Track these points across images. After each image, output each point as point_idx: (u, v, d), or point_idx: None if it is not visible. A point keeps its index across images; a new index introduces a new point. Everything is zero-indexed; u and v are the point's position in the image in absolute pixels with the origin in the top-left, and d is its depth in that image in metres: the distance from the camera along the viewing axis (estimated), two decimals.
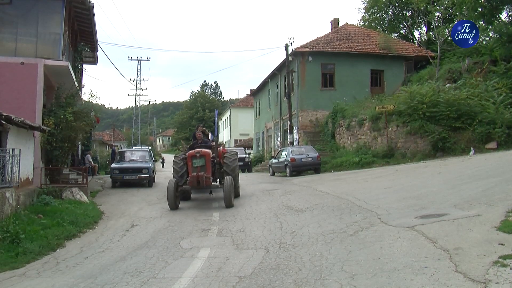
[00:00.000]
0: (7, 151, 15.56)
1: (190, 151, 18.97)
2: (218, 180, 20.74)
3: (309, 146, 35.62)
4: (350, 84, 42.82)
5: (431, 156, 28.21)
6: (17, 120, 15.85)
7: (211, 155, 18.94)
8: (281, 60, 46.66)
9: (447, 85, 32.22)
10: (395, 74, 44.08)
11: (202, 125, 25.66)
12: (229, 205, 17.61)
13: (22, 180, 17.48)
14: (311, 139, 41.00)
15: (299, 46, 44.17)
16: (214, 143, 21.47)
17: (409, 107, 29.95)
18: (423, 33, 56.50)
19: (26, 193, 17.45)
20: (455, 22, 38.79)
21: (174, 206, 18.18)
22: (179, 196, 18.91)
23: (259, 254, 10.07)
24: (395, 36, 55.99)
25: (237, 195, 20.29)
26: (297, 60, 43.81)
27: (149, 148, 51.44)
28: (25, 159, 17.87)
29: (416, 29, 59.24)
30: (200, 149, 18.92)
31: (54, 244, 12.73)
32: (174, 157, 21.59)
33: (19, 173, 16.66)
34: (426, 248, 8.68)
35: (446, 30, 41.62)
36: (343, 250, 9.51)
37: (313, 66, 43.61)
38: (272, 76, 52.66)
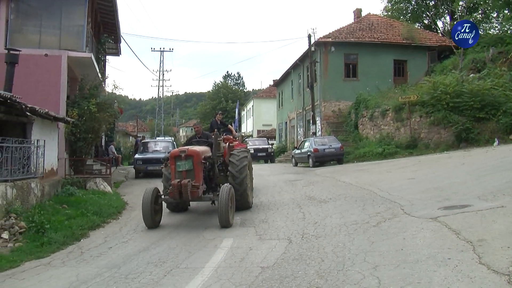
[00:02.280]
0: (32, 142, 15.69)
1: (173, 150, 14.46)
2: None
3: (332, 137, 35.59)
4: (373, 75, 42.64)
5: (454, 147, 27.98)
6: (41, 111, 15.97)
7: (203, 156, 13.73)
8: (304, 51, 46.61)
9: (471, 75, 31.89)
10: (418, 64, 43.77)
11: (221, 113, 22.96)
12: (225, 224, 12.45)
13: (46, 171, 17.63)
14: (334, 130, 40.93)
15: (321, 36, 44.08)
16: (222, 136, 17.46)
17: (433, 98, 29.71)
18: (447, 23, 56.04)
19: (51, 184, 17.60)
20: (480, 11, 38.64)
21: (151, 224, 13.34)
22: (160, 210, 14.12)
23: (281, 244, 10.07)
24: (418, 26, 55.59)
25: (245, 205, 15.12)
26: (319, 50, 43.71)
27: (172, 138, 51.67)
28: (50, 150, 18.01)
29: (440, 18, 58.80)
30: (187, 147, 14.08)
31: (79, 234, 12.84)
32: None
33: (43, 164, 16.80)
34: (449, 240, 8.62)
35: (470, 19, 41.21)
36: (366, 241, 9.49)
37: (335, 57, 43.48)
38: (295, 66, 52.59)
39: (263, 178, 25.03)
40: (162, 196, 14.13)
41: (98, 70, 25.85)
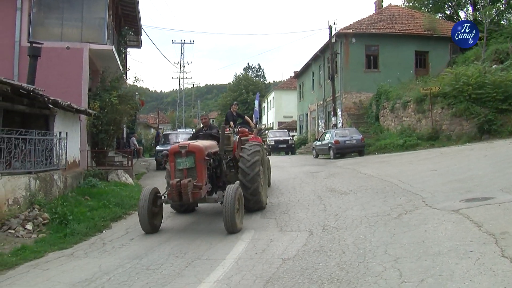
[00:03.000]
0: (55, 134, 15.80)
1: (173, 146, 12.42)
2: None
3: (353, 128, 35.47)
4: (394, 66, 42.41)
5: (476, 138, 27.76)
6: (63, 103, 16.09)
7: (207, 152, 12.05)
8: (325, 42, 46.47)
9: (494, 66, 31.61)
10: (440, 56, 43.43)
11: (236, 104, 20.40)
12: (231, 229, 10.98)
13: (69, 163, 17.77)
14: (355, 121, 40.80)
15: (342, 27, 43.99)
16: (237, 129, 16.38)
17: (455, 89, 29.45)
18: (469, 13, 55.43)
19: (73, 176, 17.74)
20: (503, 1, 38.25)
21: (148, 228, 11.81)
22: (159, 213, 12.47)
23: (302, 236, 10.09)
24: (440, 16, 55.13)
25: (257, 206, 13.47)
26: (340, 42, 43.56)
27: (193, 130, 51.79)
28: (72, 142, 18.14)
29: (462, 9, 58.17)
30: (188, 142, 12.53)
31: (101, 225, 12.96)
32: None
33: (66, 156, 16.92)
34: (471, 232, 8.58)
35: (493, 9, 40.82)
36: (387, 233, 9.47)
37: (356, 48, 43.32)
38: (316, 58, 52.47)
39: (284, 169, 25.04)
40: (163, 197, 12.27)
41: (119, 63, 25.98)
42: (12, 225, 11.92)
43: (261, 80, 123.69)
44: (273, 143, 46.31)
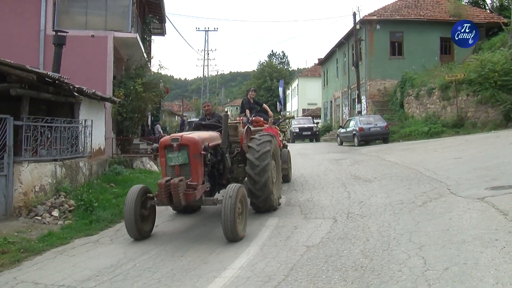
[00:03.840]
0: (80, 122, 15.92)
1: (163, 138, 10.68)
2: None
3: (377, 116, 35.39)
4: (419, 53, 42.07)
5: (502, 126, 27.47)
6: (88, 91, 16.20)
7: (203, 146, 10.13)
8: (349, 29, 46.26)
9: None
10: None
11: (254, 90, 18.39)
12: (231, 237, 9.19)
13: (94, 150, 17.91)
14: (379, 109, 40.66)
15: (367, 14, 43.84)
16: (251, 118, 15.24)
17: (480, 76, 29.13)
18: None
19: (98, 163, 17.89)
20: None
21: (135, 234, 10.07)
22: (150, 216, 10.63)
23: (327, 223, 10.07)
24: (465, 2, 54.48)
25: (267, 205, 11.65)
26: (365, 28, 43.36)
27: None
28: (97, 130, 18.26)
29: None
30: (182, 133, 10.92)
31: None
32: None
33: (91, 143, 17.05)
34: (496, 220, 8.52)
35: None
36: (411, 220, 9.44)
37: (381, 35, 43.07)
38: (340, 45, 52.28)
39: (308, 157, 25.05)
40: (154, 199, 10.10)
41: (143, 50, 26.05)
42: (39, 212, 12.07)
43: (285, 67, 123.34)
44: (298, 130, 46.48)
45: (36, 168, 12.71)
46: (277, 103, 79.69)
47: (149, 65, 28.76)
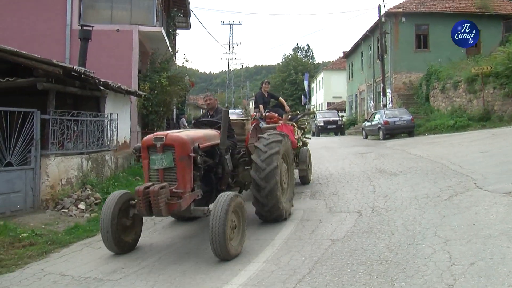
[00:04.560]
0: (106, 115, 16.04)
1: (146, 137, 8.90)
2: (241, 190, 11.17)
3: (402, 109, 35.16)
4: (444, 45, 41.57)
5: None
6: (114, 85, 16.31)
7: (193, 146, 8.54)
8: (374, 22, 46.01)
9: None
10: (492, 34, 42.40)
11: (268, 82, 16.35)
12: (221, 254, 7.76)
13: (120, 144, 18.03)
14: (404, 102, 40.41)
15: (392, 7, 43.53)
16: (265, 114, 14.23)
17: (507, 69, 28.78)
18: None
19: (124, 156, 18.01)
20: None
21: (113, 247, 8.66)
22: (134, 226, 9.12)
23: (351, 217, 10.04)
24: None
25: (274, 214, 10.06)
26: (390, 21, 43.07)
27: (243, 111, 51.92)
28: (123, 123, 18.38)
29: None
30: (167, 132, 8.87)
31: None
32: None
33: (117, 137, 17.17)
34: None
35: None
36: (436, 215, 9.37)
37: (406, 27, 42.76)
38: (365, 38, 52.02)
39: (333, 150, 25.00)
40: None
41: (168, 44, 26.18)
42: (66, 205, 12.21)
43: (310, 60, 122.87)
44: (322, 123, 46.42)
45: (62, 161, 12.84)
46: (302, 97, 79.67)
47: (174, 58, 28.90)
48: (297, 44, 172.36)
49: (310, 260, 7.39)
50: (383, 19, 42.95)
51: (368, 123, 36.52)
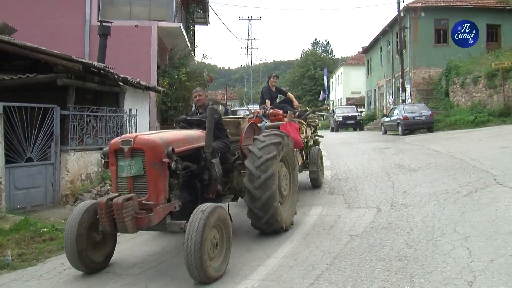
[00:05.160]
0: (125, 111, 16.11)
1: (114, 140, 7.67)
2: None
3: (421, 104, 34.99)
4: None
5: None
6: (133, 81, 16.38)
7: (166, 151, 7.31)
8: (393, 17, 45.79)
9: None
10: None
11: (275, 76, 14.84)
12: (197, 277, 6.65)
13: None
14: (423, 97, 40.22)
15: (411, 1, 43.20)
16: (268, 111, 12.76)
17: None
18: None
19: None
20: None
21: (78, 264, 7.37)
22: (106, 241, 7.81)
23: (370, 213, 10.04)
24: None
25: (272, 226, 8.82)
26: (409, 16, 42.83)
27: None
28: (142, 119, 18.44)
29: None
30: (135, 134, 7.83)
31: None
32: None
33: (136, 132, 17.23)
34: None
35: None
36: (456, 211, 9.33)
37: (425, 22, 42.49)
38: (384, 33, 51.77)
39: (352, 146, 24.97)
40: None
41: (187, 40, 26.26)
42: (85, 200, 12.27)
43: (329, 55, 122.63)
44: (341, 119, 46.40)
45: (82, 156, 12.94)
46: (321, 92, 79.49)
47: (192, 54, 28.97)
48: (315, 39, 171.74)
49: (329, 255, 7.38)
50: (402, 14, 42.70)
51: (387, 119, 36.40)
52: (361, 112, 53.76)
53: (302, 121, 13.47)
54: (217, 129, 8.95)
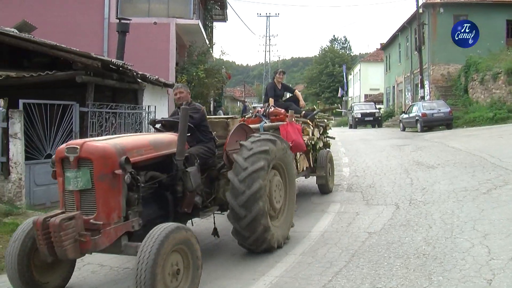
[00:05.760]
0: (143, 108, 16.17)
1: (60, 147, 6.29)
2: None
3: (440, 101, 34.79)
4: (484, 36, 40.92)
5: None
6: (151, 78, 16.45)
7: (119, 160, 5.94)
8: (411, 13, 45.55)
9: None
10: None
11: (282, 72, 13.51)
12: None
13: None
14: (442, 94, 39.95)
15: None
16: (268, 109, 11.42)
17: None
18: None
19: None
20: None
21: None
22: (57, 264, 6.45)
23: (389, 210, 10.01)
24: None
25: (261, 246, 7.64)
26: (428, 12, 42.57)
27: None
28: (160, 116, 18.49)
29: None
30: (83, 140, 6.26)
31: None
32: None
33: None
34: None
35: None
36: (475, 208, 9.28)
37: (444, 18, 42.16)
38: (402, 29, 51.53)
39: (370, 143, 24.91)
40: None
41: (205, 37, 26.33)
42: None
43: (347, 52, 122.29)
44: (360, 116, 46.29)
45: None
46: (339, 89, 79.34)
47: (211, 51, 29.03)
48: (334, 35, 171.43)
49: (347, 252, 7.38)
50: (420, 10, 42.45)
51: (405, 115, 36.25)
52: (379, 109, 53.53)
53: (308, 121, 12.07)
54: (200, 131, 8.01)
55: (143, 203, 6.43)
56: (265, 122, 10.70)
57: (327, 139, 13.90)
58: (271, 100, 12.39)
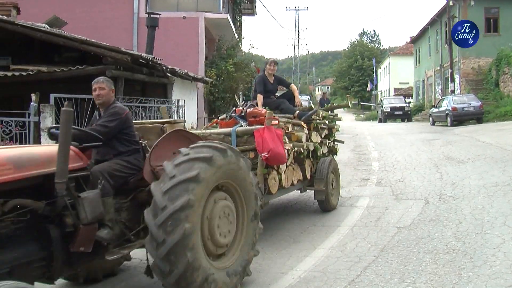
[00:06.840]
0: (173, 102, 16.27)
1: None
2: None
3: (471, 95, 34.42)
4: None
5: None
6: (181, 72, 16.53)
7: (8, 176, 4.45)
8: (442, 6, 45.11)
9: None
10: None
11: (273, 62, 10.62)
12: None
13: (187, 130, 18.25)
14: (473, 88, 39.53)
15: None
16: (245, 108, 9.09)
17: None
18: None
19: None
20: None
21: None
22: None
23: (418, 205, 9.94)
24: None
25: None
26: (458, 5, 42.10)
27: (309, 97, 51.96)
28: (189, 109, 18.61)
29: None
30: None
31: None
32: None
33: (184, 123, 17.39)
34: None
35: None
36: (506, 204, 9.18)
37: (475, 11, 41.65)
38: (432, 22, 51.05)
39: (400, 137, 24.76)
40: None
41: (234, 31, 26.37)
42: None
43: (377, 46, 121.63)
44: (389, 110, 46.02)
45: None
46: (369, 82, 78.95)
47: (240, 45, 29.07)
48: (363, 29, 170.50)
49: (376, 247, 7.36)
50: (451, 3, 42.01)
51: (435, 110, 35.94)
52: (409, 102, 53.18)
53: (302, 123, 9.59)
54: (120, 140, 6.10)
55: (3, 242, 4.66)
56: (242, 125, 8.58)
57: (334, 143, 11.36)
58: (260, 97, 10.05)
